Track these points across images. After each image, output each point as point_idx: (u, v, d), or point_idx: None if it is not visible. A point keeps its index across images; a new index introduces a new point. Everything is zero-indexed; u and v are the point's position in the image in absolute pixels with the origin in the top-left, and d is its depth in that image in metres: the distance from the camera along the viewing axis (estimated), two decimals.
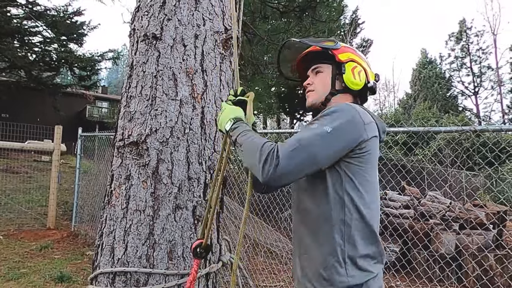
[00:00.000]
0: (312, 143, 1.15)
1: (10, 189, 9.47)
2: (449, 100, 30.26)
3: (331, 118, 1.19)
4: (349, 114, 1.20)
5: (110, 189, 1.75)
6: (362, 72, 1.40)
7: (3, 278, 4.32)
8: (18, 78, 19.09)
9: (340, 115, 1.20)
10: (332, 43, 1.42)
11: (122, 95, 1.88)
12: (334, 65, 1.41)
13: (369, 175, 1.25)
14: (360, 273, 1.17)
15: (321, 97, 1.41)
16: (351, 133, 1.19)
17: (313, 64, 1.46)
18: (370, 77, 1.43)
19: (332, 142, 1.16)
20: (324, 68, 1.43)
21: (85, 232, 6.38)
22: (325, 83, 1.41)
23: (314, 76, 1.45)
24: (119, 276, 1.60)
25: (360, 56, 1.44)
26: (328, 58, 1.41)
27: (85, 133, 7.31)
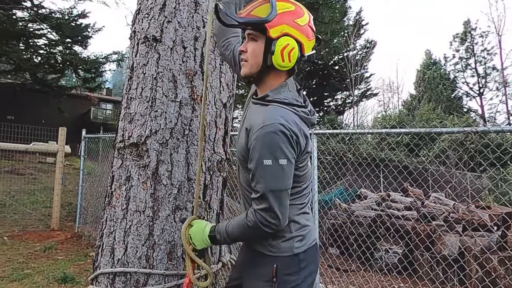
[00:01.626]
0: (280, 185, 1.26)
1: (15, 191, 9.54)
2: (453, 101, 30.11)
3: (273, 148, 1.23)
4: (283, 135, 1.23)
5: (111, 190, 1.77)
6: (294, 50, 1.30)
7: (7, 278, 4.35)
8: (23, 81, 19.22)
9: (275, 139, 1.23)
10: (264, 9, 1.29)
11: (122, 97, 1.89)
12: (266, 38, 1.31)
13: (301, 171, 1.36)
14: None
15: (253, 72, 1.37)
16: (293, 150, 1.26)
17: (248, 28, 1.36)
18: (305, 50, 1.34)
19: (290, 168, 1.27)
20: (258, 36, 1.33)
21: (89, 233, 6.41)
22: (257, 56, 1.34)
23: (249, 43, 1.36)
24: (119, 276, 1.62)
25: (296, 26, 1.31)
26: (261, 29, 1.30)
27: (89, 134, 7.35)
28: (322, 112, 23.31)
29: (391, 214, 5.48)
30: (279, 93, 1.36)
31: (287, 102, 1.33)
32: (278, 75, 1.38)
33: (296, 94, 1.41)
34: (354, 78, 22.66)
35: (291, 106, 1.33)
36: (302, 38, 1.32)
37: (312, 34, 1.37)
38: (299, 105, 1.36)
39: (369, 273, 4.50)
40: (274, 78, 1.38)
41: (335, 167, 4.39)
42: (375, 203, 6.20)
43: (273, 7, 1.28)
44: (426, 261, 4.37)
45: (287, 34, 1.29)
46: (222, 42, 1.66)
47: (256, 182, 1.27)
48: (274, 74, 1.37)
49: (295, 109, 1.32)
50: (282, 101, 1.33)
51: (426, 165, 11.80)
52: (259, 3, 1.33)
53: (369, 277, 4.40)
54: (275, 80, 1.38)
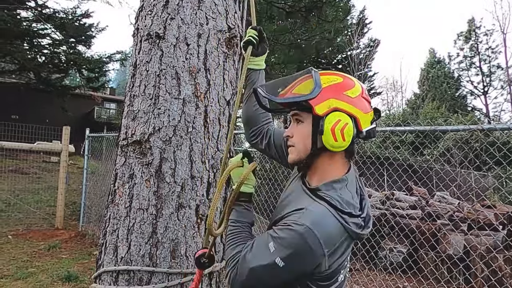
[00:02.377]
0: (262, 277, 1.10)
1: (19, 190, 9.59)
2: (457, 100, 29.97)
3: (286, 244, 1.06)
4: (305, 244, 1.04)
5: (114, 188, 1.76)
6: (349, 126, 1.13)
7: (12, 277, 4.37)
8: (27, 80, 19.31)
9: (296, 242, 1.05)
10: (307, 86, 1.16)
11: (125, 94, 1.89)
12: (313, 116, 1.16)
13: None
14: None
15: (302, 157, 1.21)
16: (305, 266, 1.07)
17: (292, 109, 1.23)
18: (362, 125, 1.16)
19: (283, 275, 1.09)
20: (304, 117, 1.19)
21: (93, 232, 6.43)
22: (305, 138, 1.19)
23: (294, 126, 1.23)
24: (122, 274, 1.61)
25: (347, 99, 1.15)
26: (307, 107, 1.16)
27: (92, 133, 7.37)
28: None
29: (395, 212, 5.45)
30: (333, 189, 1.15)
31: (339, 207, 1.11)
32: (331, 158, 1.19)
33: (354, 195, 1.18)
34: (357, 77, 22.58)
35: (343, 214, 1.10)
36: (356, 112, 1.15)
37: (369, 106, 1.20)
38: (352, 214, 1.12)
39: (374, 272, 4.48)
40: (327, 162, 1.20)
41: None
42: (379, 202, 6.17)
43: (316, 81, 1.15)
44: (431, 260, 4.34)
45: (337, 109, 1.13)
46: (253, 131, 1.55)
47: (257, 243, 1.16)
48: (327, 157, 1.19)
49: (344, 219, 1.10)
50: (333, 203, 1.11)
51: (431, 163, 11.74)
52: (301, 79, 1.19)
53: (373, 276, 4.38)
54: (328, 164, 1.20)
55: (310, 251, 1.04)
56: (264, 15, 7.53)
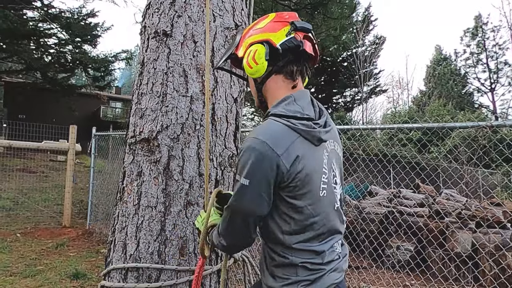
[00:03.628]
0: (240, 205, 1.16)
1: (27, 188, 9.67)
2: (464, 97, 29.72)
3: (242, 165, 1.14)
4: (256, 152, 1.12)
5: (122, 186, 1.77)
6: (258, 51, 1.22)
7: (21, 275, 4.41)
8: (34, 80, 19.47)
9: (248, 157, 1.12)
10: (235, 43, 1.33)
11: (133, 92, 1.89)
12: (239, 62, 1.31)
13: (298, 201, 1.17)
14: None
15: (256, 98, 1.35)
16: (266, 172, 1.12)
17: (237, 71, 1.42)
18: (276, 42, 1.23)
19: (256, 190, 1.13)
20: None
21: (100, 230, 6.46)
22: (250, 83, 1.35)
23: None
24: (131, 271, 1.61)
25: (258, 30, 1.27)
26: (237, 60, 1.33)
27: (99, 132, 7.40)
28: (331, 109, 23.19)
29: (402, 210, 5.42)
30: (279, 106, 1.24)
31: (282, 114, 1.20)
32: (274, 85, 1.29)
33: (306, 107, 1.25)
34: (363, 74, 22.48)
35: (287, 118, 1.19)
36: (265, 35, 1.25)
37: (281, 25, 1.26)
38: (297, 117, 1.20)
39: (381, 270, 4.46)
40: (271, 90, 1.30)
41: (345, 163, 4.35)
42: (386, 200, 6.14)
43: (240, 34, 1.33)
44: (439, 258, 4.32)
45: (251, 43, 1.26)
46: None
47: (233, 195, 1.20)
48: (270, 86, 1.29)
49: (289, 121, 1.18)
50: (278, 113, 1.21)
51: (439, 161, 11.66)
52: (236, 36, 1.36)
53: (381, 274, 4.37)
54: (273, 91, 1.29)
55: (262, 155, 1.11)
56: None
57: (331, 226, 1.25)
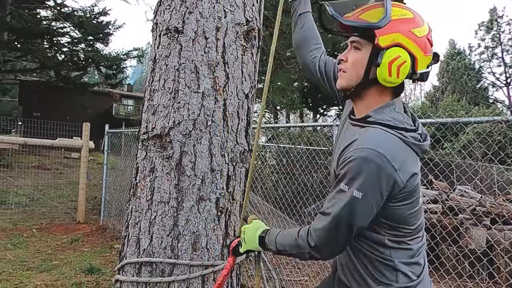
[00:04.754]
0: (349, 217, 1.08)
1: (42, 185, 9.85)
2: (479, 92, 29.24)
3: (353, 175, 1.06)
4: (373, 165, 1.04)
5: (135, 182, 1.79)
6: (406, 65, 1.10)
7: (37, 269, 4.50)
8: (48, 78, 19.79)
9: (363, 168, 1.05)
10: (376, 17, 1.10)
11: (145, 89, 1.90)
12: (373, 47, 1.13)
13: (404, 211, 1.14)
14: None
15: (351, 84, 1.21)
16: (382, 187, 1.06)
17: (353, 34, 1.20)
18: (419, 66, 1.13)
19: (368, 204, 1.07)
20: (363, 45, 1.16)
21: (113, 226, 6.55)
22: (359, 67, 1.17)
23: (351, 51, 1.21)
24: (145, 266, 1.64)
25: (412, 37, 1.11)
26: (369, 35, 1.13)
27: (112, 129, 7.49)
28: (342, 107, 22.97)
29: None
30: (383, 113, 1.16)
31: (392, 125, 1.12)
32: (381, 92, 1.19)
33: (405, 115, 1.18)
34: None
35: (398, 130, 1.11)
36: (417, 52, 1.12)
37: (430, 49, 1.16)
38: (407, 129, 1.13)
39: None
40: (376, 95, 1.19)
41: None
42: None
43: (387, 11, 1.09)
44: (453, 255, 4.27)
45: (399, 44, 1.10)
46: (305, 52, 1.63)
47: (327, 200, 1.14)
48: (377, 90, 1.18)
49: (401, 134, 1.10)
50: (386, 123, 1.12)
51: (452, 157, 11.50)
52: (371, 6, 1.15)
53: None
54: (377, 98, 1.19)
55: (381, 169, 1.04)
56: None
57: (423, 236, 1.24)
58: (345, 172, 1.08)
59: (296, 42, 1.70)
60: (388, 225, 1.15)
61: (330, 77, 1.55)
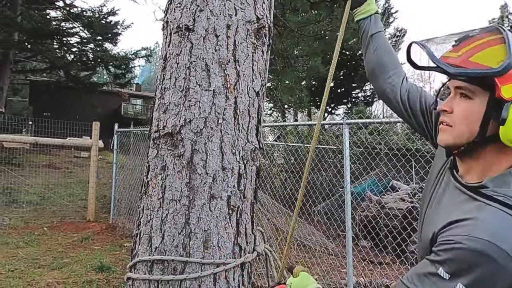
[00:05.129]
0: None
1: (53, 184, 9.96)
2: None
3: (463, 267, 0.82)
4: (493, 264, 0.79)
5: (147, 180, 1.79)
6: None
7: (48, 267, 4.55)
8: (57, 78, 20.00)
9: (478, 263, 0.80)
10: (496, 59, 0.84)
11: (156, 88, 1.91)
12: (491, 97, 0.87)
13: None
14: None
15: (461, 142, 0.94)
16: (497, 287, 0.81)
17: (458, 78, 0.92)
18: None
19: None
20: (476, 93, 0.90)
21: (123, 225, 6.60)
22: (472, 121, 0.91)
23: (457, 100, 0.95)
24: (157, 264, 1.64)
25: None
26: (485, 82, 0.87)
27: (121, 129, 7.54)
28: (350, 104, 22.92)
29: None
30: (507, 185, 0.88)
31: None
32: (501, 152, 0.91)
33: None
34: None
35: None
36: None
37: None
38: None
39: (405, 266, 4.40)
40: (494, 156, 0.92)
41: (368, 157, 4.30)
42: (409, 195, 6.03)
43: (510, 51, 0.83)
44: None
45: None
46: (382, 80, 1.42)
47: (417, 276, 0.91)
48: (496, 151, 0.92)
49: None
50: (510, 203, 0.85)
51: None
52: (485, 43, 0.88)
53: (404, 269, 4.31)
54: (495, 160, 0.92)
55: (499, 268, 0.79)
56: (288, 6, 7.45)
57: None
58: (448, 258, 0.85)
59: (370, 67, 1.49)
60: None
61: (416, 110, 1.27)
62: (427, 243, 0.98)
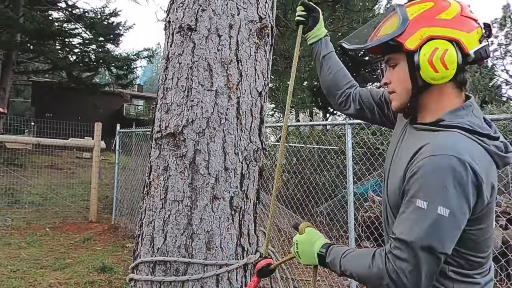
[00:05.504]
0: (438, 243, 0.91)
1: (55, 184, 9.97)
2: (492, 90, 28.72)
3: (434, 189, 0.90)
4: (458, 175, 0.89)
5: (149, 180, 1.78)
6: (450, 53, 0.99)
7: (51, 267, 4.55)
8: (60, 79, 20.05)
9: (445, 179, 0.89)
10: (392, 24, 1.06)
11: (158, 88, 1.90)
12: (407, 55, 1.06)
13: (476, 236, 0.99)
14: None
15: (405, 100, 1.11)
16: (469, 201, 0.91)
17: (385, 55, 1.16)
18: (467, 46, 1.01)
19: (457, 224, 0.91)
20: (398, 58, 1.10)
21: (125, 225, 6.60)
22: (403, 80, 1.09)
23: (391, 72, 1.15)
24: (159, 265, 1.63)
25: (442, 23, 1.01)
26: (397, 47, 1.06)
27: (123, 129, 7.54)
28: None
29: None
30: (460, 116, 1.03)
31: (472, 129, 0.98)
32: (441, 93, 1.07)
33: (483, 120, 1.05)
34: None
35: (479, 136, 0.97)
36: (456, 34, 1.01)
37: (474, 23, 1.06)
38: (490, 136, 0.99)
39: None
40: (438, 98, 1.07)
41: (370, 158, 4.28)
42: None
43: (402, 15, 1.05)
44: None
45: (432, 37, 1.01)
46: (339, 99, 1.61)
47: (399, 223, 0.98)
48: (436, 93, 1.07)
49: (483, 142, 0.97)
50: (465, 127, 0.99)
51: None
52: (386, 19, 1.11)
53: None
54: (440, 99, 1.07)
55: (466, 179, 0.89)
56: (290, 7, 7.43)
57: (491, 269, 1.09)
58: (420, 186, 0.93)
59: (325, 87, 1.68)
60: (456, 252, 0.98)
61: (372, 105, 1.48)
62: (396, 193, 1.06)
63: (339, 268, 1.09)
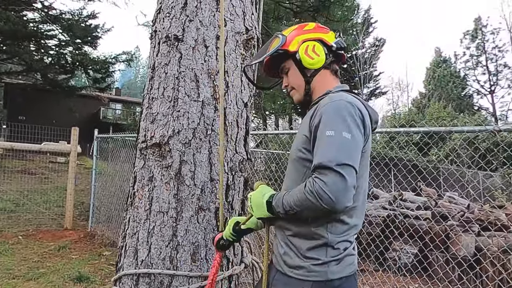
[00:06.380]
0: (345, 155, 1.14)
1: (28, 190, 9.63)
2: (464, 99, 29.75)
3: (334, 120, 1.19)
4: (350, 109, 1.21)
5: (133, 191, 1.76)
6: (317, 46, 1.40)
7: (23, 277, 4.38)
8: (34, 81, 19.43)
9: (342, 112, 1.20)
10: (277, 42, 1.44)
11: (143, 97, 1.88)
12: (292, 58, 1.42)
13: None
14: None
15: (302, 92, 1.44)
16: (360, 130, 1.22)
17: (278, 67, 1.50)
18: (329, 41, 1.42)
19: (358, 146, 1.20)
20: (287, 64, 1.46)
21: (102, 233, 6.44)
22: (297, 76, 1.44)
23: (286, 77, 1.48)
24: (143, 277, 1.61)
25: (307, 31, 1.44)
26: (284, 56, 1.43)
27: (101, 134, 7.38)
28: None
29: (404, 214, 5.41)
30: (340, 87, 1.40)
31: (350, 90, 1.37)
32: (322, 77, 1.43)
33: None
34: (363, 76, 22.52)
35: (355, 95, 1.35)
36: (319, 35, 1.42)
37: (326, 30, 1.46)
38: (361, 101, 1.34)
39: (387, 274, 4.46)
40: (321, 80, 1.43)
41: None
42: (389, 203, 6.13)
43: (281, 36, 1.44)
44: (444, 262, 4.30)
45: (305, 40, 1.40)
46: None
47: (315, 154, 1.18)
48: (319, 77, 1.43)
49: (360, 98, 1.34)
50: (346, 89, 1.38)
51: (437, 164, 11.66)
52: (271, 42, 1.46)
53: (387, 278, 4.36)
54: (323, 81, 1.42)
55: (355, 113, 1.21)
56: (272, 15, 7.51)
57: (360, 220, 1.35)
58: (325, 122, 1.20)
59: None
60: None
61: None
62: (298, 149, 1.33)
63: (282, 206, 1.23)
